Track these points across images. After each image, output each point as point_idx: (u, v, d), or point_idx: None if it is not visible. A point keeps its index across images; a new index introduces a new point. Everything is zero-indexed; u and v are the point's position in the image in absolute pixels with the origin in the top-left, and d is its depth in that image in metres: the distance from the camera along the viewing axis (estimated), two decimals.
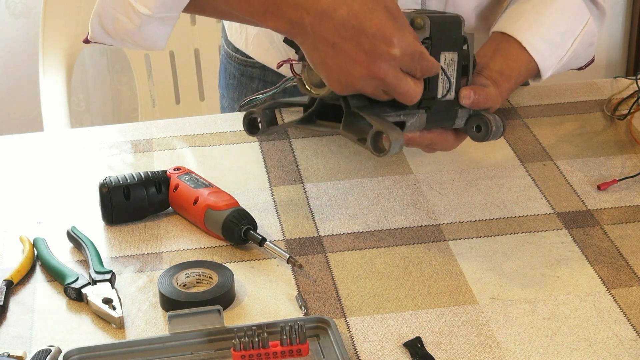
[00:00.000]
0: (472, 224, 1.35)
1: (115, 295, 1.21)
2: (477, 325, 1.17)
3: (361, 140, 1.21)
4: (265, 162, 1.50)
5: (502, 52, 1.39)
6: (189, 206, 1.34)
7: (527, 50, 1.39)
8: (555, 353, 1.13)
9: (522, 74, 1.40)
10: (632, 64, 3.10)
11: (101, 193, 1.34)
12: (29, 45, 2.79)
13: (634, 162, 1.47)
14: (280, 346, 1.11)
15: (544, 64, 1.41)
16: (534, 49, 1.40)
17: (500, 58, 1.38)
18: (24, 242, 1.31)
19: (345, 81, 1.15)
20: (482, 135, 1.27)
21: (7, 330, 1.19)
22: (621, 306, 1.20)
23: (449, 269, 1.27)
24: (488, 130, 1.27)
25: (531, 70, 1.41)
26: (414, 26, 1.19)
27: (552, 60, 1.42)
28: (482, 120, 1.27)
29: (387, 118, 1.22)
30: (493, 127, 1.27)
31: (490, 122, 1.27)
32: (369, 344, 1.15)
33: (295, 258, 1.27)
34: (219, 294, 1.20)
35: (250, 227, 1.30)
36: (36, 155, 1.53)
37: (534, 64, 1.40)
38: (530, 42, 1.39)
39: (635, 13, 3.05)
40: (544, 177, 1.44)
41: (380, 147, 1.18)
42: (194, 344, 1.14)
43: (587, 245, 1.30)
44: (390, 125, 1.19)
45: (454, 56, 1.25)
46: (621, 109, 1.60)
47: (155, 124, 1.61)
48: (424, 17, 1.19)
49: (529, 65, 1.40)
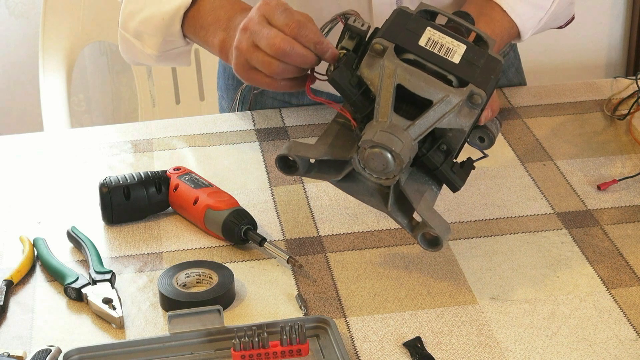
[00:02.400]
0: (472, 224, 1.35)
1: (115, 295, 1.21)
2: (477, 325, 1.17)
3: (409, 226, 1.18)
4: (265, 162, 1.50)
5: (486, 17, 1.39)
6: (189, 206, 1.34)
7: (508, 14, 1.40)
8: (555, 353, 1.13)
9: (504, 39, 1.41)
10: (632, 64, 3.10)
11: (101, 193, 1.35)
12: (29, 45, 2.79)
13: (634, 162, 1.47)
14: (280, 346, 1.11)
15: (524, 27, 1.42)
16: (516, 13, 1.41)
17: (484, 23, 1.38)
18: (24, 242, 1.31)
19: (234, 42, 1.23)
20: (486, 146, 1.25)
21: (7, 330, 1.19)
22: (621, 306, 1.20)
23: (449, 269, 1.27)
24: (491, 142, 1.24)
25: (513, 34, 1.43)
26: (472, 101, 1.14)
27: (532, 23, 1.43)
28: (486, 133, 1.24)
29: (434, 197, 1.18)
30: (495, 136, 1.24)
31: (493, 133, 1.24)
32: (369, 344, 1.15)
33: (295, 258, 1.27)
34: (219, 294, 1.20)
35: (250, 227, 1.30)
36: (36, 155, 1.53)
37: (515, 27, 1.42)
38: (511, 6, 1.40)
39: (635, 13, 3.05)
40: (544, 177, 1.44)
41: (430, 242, 1.18)
42: (194, 344, 1.14)
43: (587, 245, 1.30)
44: (442, 221, 1.17)
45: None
46: (621, 109, 1.60)
47: (155, 124, 1.61)
48: (481, 94, 1.14)
49: (511, 30, 1.42)
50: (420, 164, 1.19)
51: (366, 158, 1.15)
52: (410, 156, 1.15)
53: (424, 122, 1.14)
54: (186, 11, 1.35)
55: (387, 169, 1.14)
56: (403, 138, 1.13)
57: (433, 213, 1.17)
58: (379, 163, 1.14)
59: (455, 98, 1.14)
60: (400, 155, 1.13)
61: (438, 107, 1.14)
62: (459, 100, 1.14)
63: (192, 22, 1.35)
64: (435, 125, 1.15)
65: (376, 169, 1.15)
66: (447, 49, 1.18)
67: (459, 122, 1.15)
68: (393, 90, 1.15)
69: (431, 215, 1.17)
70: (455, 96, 1.14)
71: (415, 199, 1.17)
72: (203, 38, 1.34)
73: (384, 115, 1.15)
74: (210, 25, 1.32)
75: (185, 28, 1.37)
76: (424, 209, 1.17)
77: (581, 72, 3.02)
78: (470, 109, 1.15)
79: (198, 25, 1.34)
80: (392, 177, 1.16)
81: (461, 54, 1.17)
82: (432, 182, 1.20)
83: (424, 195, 1.18)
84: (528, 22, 1.43)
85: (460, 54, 1.17)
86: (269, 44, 1.18)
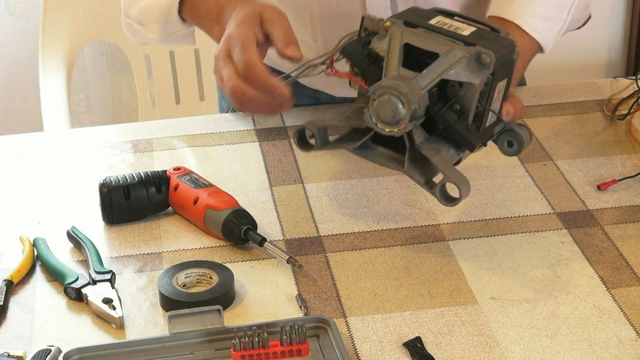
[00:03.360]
0: (472, 224, 1.35)
1: (115, 295, 1.21)
2: (477, 325, 1.17)
3: (427, 184, 1.19)
4: (265, 162, 1.50)
5: None
6: (189, 206, 1.34)
7: (527, 32, 1.40)
8: (555, 353, 1.13)
9: (527, 58, 1.42)
10: (632, 64, 3.10)
11: (101, 193, 1.35)
12: (29, 45, 2.79)
13: (634, 162, 1.47)
14: (280, 346, 1.12)
15: (545, 41, 1.42)
16: (534, 29, 1.41)
17: None
18: (24, 242, 1.31)
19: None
20: (514, 151, 1.25)
21: (7, 330, 1.19)
22: (621, 306, 1.20)
23: (449, 269, 1.27)
24: (520, 146, 1.24)
25: (534, 49, 1.43)
26: (480, 62, 1.17)
27: (552, 35, 1.43)
28: (515, 137, 1.24)
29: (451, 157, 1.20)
30: (525, 143, 1.25)
31: (522, 138, 1.24)
32: (369, 344, 1.15)
33: (295, 258, 1.27)
34: (219, 294, 1.20)
35: (250, 227, 1.30)
36: (36, 155, 1.53)
37: (536, 43, 1.42)
38: (529, 23, 1.40)
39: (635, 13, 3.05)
40: (544, 177, 1.45)
41: (448, 197, 1.18)
42: (194, 344, 1.14)
43: (587, 245, 1.30)
44: (459, 175, 1.17)
45: (504, 82, 1.23)
46: (621, 109, 1.60)
47: (155, 124, 1.61)
48: (490, 55, 1.16)
49: (532, 46, 1.42)
50: (435, 128, 1.20)
51: (376, 108, 1.16)
52: (420, 104, 1.16)
53: (430, 72, 1.16)
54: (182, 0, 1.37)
55: (397, 116, 1.15)
56: (410, 84, 1.15)
57: (451, 167, 1.18)
58: (389, 110, 1.15)
59: (460, 52, 1.17)
60: (408, 97, 1.14)
61: (444, 59, 1.17)
62: (463, 53, 1.17)
63: (189, 12, 1.38)
64: (442, 76, 1.17)
65: (387, 117, 1.16)
66: (456, 27, 1.22)
67: (467, 75, 1.17)
68: (400, 49, 1.18)
69: (449, 168, 1.17)
70: (461, 50, 1.17)
71: (432, 155, 1.18)
72: (203, 28, 1.38)
73: (392, 70, 1.18)
74: (205, 16, 1.34)
75: (183, 14, 1.39)
76: (440, 162, 1.18)
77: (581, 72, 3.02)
78: (479, 68, 1.17)
79: (195, 16, 1.37)
80: (404, 125, 1.16)
81: (471, 31, 1.20)
82: (449, 145, 1.21)
83: (440, 153, 1.19)
84: (548, 36, 1.43)
85: (470, 31, 1.20)
86: (227, 86, 1.22)
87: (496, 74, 1.20)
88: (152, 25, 1.38)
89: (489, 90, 1.20)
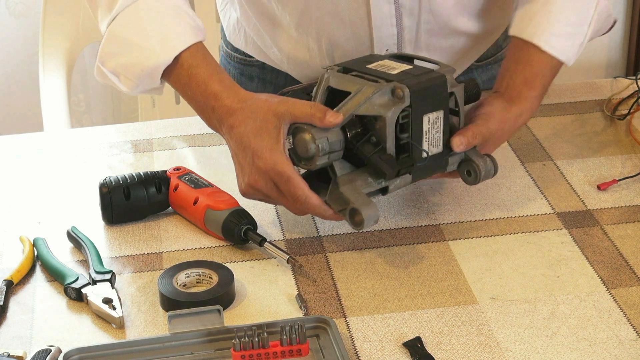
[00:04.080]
0: (472, 224, 1.35)
1: (115, 295, 1.21)
2: (477, 325, 1.17)
3: (341, 212, 1.25)
4: None
5: (523, 61, 1.39)
6: (189, 206, 1.34)
7: (547, 52, 1.40)
8: (555, 353, 1.13)
9: (546, 75, 1.40)
10: (632, 64, 3.10)
11: (101, 193, 1.35)
12: (29, 45, 2.79)
13: (634, 162, 1.47)
14: (280, 346, 1.11)
15: (566, 57, 1.41)
16: (554, 48, 1.40)
17: (522, 68, 1.39)
18: (24, 242, 1.31)
19: (240, 186, 1.30)
20: (473, 180, 1.33)
21: (7, 330, 1.19)
22: (621, 306, 1.20)
23: (449, 269, 1.27)
24: (477, 176, 1.32)
25: (556, 66, 1.42)
26: (394, 96, 1.25)
27: (573, 50, 1.42)
28: (472, 167, 1.32)
29: (369, 186, 1.26)
30: (482, 173, 1.31)
31: (479, 168, 1.31)
32: (369, 344, 1.15)
33: (295, 258, 1.27)
34: (219, 294, 1.20)
35: (250, 227, 1.30)
36: (36, 155, 1.53)
37: (556, 60, 1.41)
38: (548, 43, 1.39)
39: (635, 13, 3.05)
40: (544, 177, 1.44)
41: (357, 222, 1.24)
42: (194, 344, 1.14)
43: (587, 245, 1.30)
44: (365, 200, 1.24)
45: (439, 114, 1.28)
46: (621, 109, 1.60)
47: (155, 124, 1.61)
48: (403, 88, 1.23)
49: (553, 64, 1.41)
50: (360, 162, 1.26)
51: (295, 146, 1.25)
52: (329, 139, 1.24)
53: (340, 108, 1.25)
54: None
55: (310, 152, 1.24)
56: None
57: (358, 194, 1.24)
58: (303, 147, 1.24)
59: (370, 88, 1.25)
60: (314, 135, 1.22)
61: (354, 96, 1.25)
62: (373, 89, 1.24)
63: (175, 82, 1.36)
64: (353, 111, 1.24)
65: (303, 154, 1.25)
66: (391, 67, 1.31)
67: (378, 109, 1.24)
68: (323, 92, 1.28)
69: (354, 194, 1.24)
70: (370, 87, 1.25)
71: (343, 184, 1.25)
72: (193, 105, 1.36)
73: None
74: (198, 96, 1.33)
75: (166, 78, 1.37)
76: (347, 190, 1.25)
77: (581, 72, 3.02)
78: (392, 101, 1.25)
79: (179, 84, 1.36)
80: (317, 160, 1.24)
81: (402, 70, 1.29)
82: (369, 175, 1.27)
83: (354, 182, 1.25)
84: (569, 52, 1.41)
85: (401, 69, 1.30)
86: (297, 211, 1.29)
87: (416, 107, 1.25)
88: (127, 82, 1.36)
89: (410, 123, 1.26)
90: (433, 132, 1.28)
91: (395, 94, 1.24)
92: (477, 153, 1.32)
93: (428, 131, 1.28)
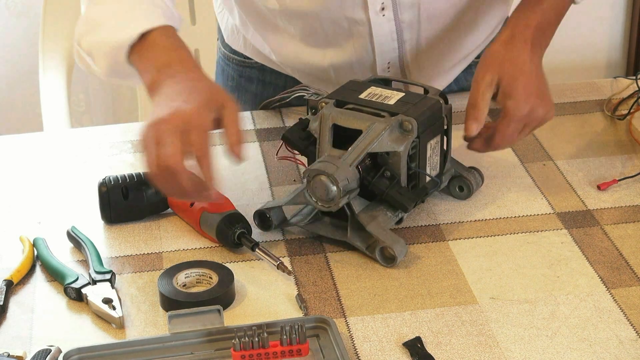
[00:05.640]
0: (472, 224, 1.35)
1: (115, 295, 1.21)
2: (477, 325, 1.17)
3: (368, 249, 1.27)
4: (265, 162, 1.49)
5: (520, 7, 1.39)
6: (186, 208, 1.34)
7: None
8: (555, 353, 1.13)
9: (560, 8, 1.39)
10: (632, 64, 3.10)
11: (100, 192, 1.35)
12: (29, 45, 2.79)
13: (634, 162, 1.47)
14: (280, 346, 1.11)
15: None
16: None
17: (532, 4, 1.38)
18: (24, 242, 1.31)
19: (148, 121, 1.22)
20: (466, 194, 1.39)
21: (7, 330, 1.19)
22: (621, 306, 1.20)
23: (449, 269, 1.27)
24: (470, 189, 1.38)
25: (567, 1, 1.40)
26: (403, 128, 1.27)
27: None
28: (464, 182, 1.38)
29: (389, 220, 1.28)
30: (474, 187, 1.38)
31: (471, 182, 1.38)
32: (369, 344, 1.15)
33: (285, 264, 1.26)
34: (219, 294, 1.20)
35: (244, 231, 1.30)
36: (36, 155, 1.53)
37: None
38: None
39: (635, 13, 3.05)
40: (544, 177, 1.44)
41: (387, 258, 1.27)
42: (194, 344, 1.14)
43: (587, 245, 1.30)
44: (393, 237, 1.26)
45: (438, 139, 1.32)
46: (621, 109, 1.60)
47: None
48: (411, 121, 1.26)
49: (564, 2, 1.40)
50: (372, 195, 1.29)
51: (312, 188, 1.26)
52: (349, 180, 1.25)
53: (355, 148, 1.26)
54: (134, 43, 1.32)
55: (330, 194, 1.24)
56: (338, 163, 1.25)
57: (384, 231, 1.26)
58: (322, 189, 1.25)
59: (380, 125, 1.27)
60: (336, 177, 1.23)
61: (366, 134, 1.27)
62: (384, 126, 1.27)
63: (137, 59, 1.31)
64: (367, 150, 1.26)
65: (322, 196, 1.25)
66: (384, 96, 1.32)
67: (391, 145, 1.27)
68: (329, 130, 1.29)
69: (382, 233, 1.26)
70: (381, 123, 1.27)
71: (367, 222, 1.27)
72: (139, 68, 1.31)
73: (323, 151, 1.30)
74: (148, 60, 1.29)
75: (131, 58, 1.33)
76: (374, 228, 1.27)
77: (581, 72, 3.02)
78: (402, 134, 1.27)
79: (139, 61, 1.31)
80: (338, 201, 1.25)
81: (397, 99, 1.32)
82: (387, 209, 1.29)
83: (377, 219, 1.28)
84: None
85: (397, 98, 1.31)
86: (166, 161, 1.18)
87: (422, 136, 1.29)
88: (100, 61, 1.35)
89: (418, 153, 1.29)
90: (434, 156, 1.33)
91: (403, 127, 1.27)
92: (464, 168, 1.38)
93: (430, 157, 1.32)
